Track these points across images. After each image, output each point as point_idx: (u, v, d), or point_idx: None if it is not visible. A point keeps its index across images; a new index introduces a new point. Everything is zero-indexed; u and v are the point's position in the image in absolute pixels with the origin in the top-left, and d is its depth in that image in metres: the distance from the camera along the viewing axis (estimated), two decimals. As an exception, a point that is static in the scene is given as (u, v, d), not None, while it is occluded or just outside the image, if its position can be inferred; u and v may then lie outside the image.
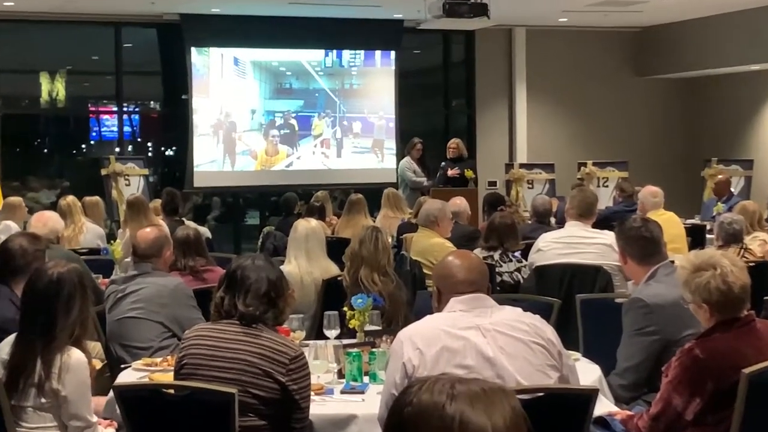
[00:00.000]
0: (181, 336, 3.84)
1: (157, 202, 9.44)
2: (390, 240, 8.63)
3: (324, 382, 3.94)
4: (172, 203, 8.91)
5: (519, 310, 3.33)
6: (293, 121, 13.79)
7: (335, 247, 6.52)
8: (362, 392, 3.86)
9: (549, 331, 3.27)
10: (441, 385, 1.69)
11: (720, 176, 12.07)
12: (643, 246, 4.37)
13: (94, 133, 14.53)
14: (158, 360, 4.45)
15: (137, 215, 7.98)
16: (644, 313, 4.12)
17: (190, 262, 5.84)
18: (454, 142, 12.35)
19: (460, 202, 8.33)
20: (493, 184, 14.13)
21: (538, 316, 3.32)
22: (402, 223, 9.48)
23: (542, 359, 3.19)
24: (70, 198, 8.75)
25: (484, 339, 3.16)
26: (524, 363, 3.16)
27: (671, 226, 7.61)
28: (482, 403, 1.66)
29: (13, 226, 8.05)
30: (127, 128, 14.04)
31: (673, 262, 4.30)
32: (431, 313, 3.38)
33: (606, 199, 11.93)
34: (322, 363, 3.99)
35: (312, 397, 3.55)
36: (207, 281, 5.59)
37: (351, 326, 4.57)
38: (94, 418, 3.71)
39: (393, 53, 14.19)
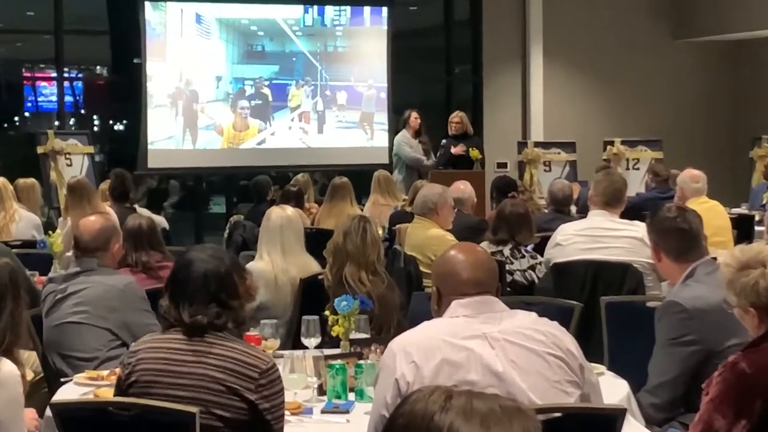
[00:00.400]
0: (133, 345, 3.82)
1: (105, 186, 9.44)
2: (381, 232, 8.67)
3: (302, 399, 3.94)
4: (121, 187, 8.89)
5: (534, 315, 3.33)
6: (266, 91, 13.76)
7: (316, 240, 6.51)
8: (347, 412, 3.86)
9: (569, 341, 3.28)
10: (437, 396, 1.78)
11: (771, 158, 12.08)
12: (680, 240, 4.38)
13: (29, 104, 14.49)
14: (104, 373, 4.45)
15: (80, 201, 7.97)
16: (681, 319, 4.13)
17: (143, 257, 5.83)
18: (457, 116, 12.33)
19: (464, 187, 8.33)
20: (503, 165, 14.13)
21: (555, 323, 3.33)
22: (395, 212, 9.49)
23: (560, 374, 3.19)
24: (1, 180, 8.72)
25: (492, 350, 3.16)
26: (539, 378, 3.16)
27: (714, 216, 7.62)
28: (481, 418, 1.71)
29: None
30: (68, 98, 13.99)
31: (715, 258, 4.31)
32: (429, 318, 3.38)
33: (636, 184, 11.94)
34: (299, 377, 3.99)
35: (287, 418, 3.55)
36: (163, 280, 5.55)
37: (334, 334, 4.57)
38: (28, 442, 3.71)
39: (385, 10, 14.16)
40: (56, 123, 13.60)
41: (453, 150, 11.92)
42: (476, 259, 3.38)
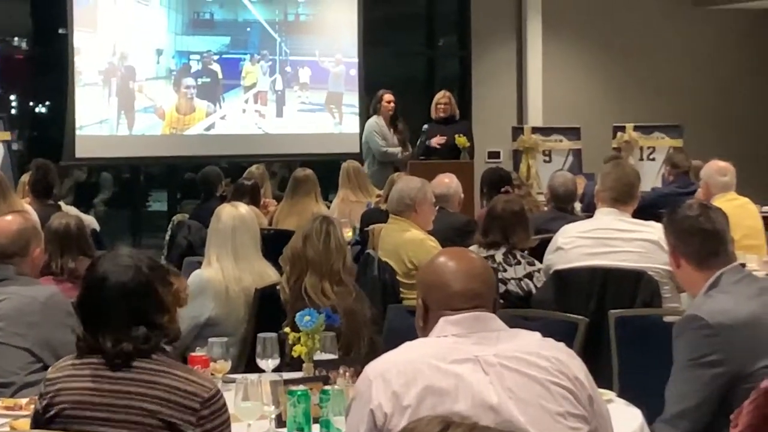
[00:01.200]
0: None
1: (24, 179, 9.41)
2: (351, 233, 8.67)
3: (257, 432, 3.93)
4: (44, 181, 8.87)
5: (537, 335, 3.31)
6: (215, 67, 13.73)
7: (274, 244, 6.50)
8: (310, 447, 3.86)
9: (577, 368, 3.26)
10: (432, 426, 1.94)
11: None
12: (703, 243, 4.38)
13: (-67, 82, 14.41)
14: (23, 401, 4.43)
15: (-6, 197, 7.94)
16: (704, 336, 4.13)
17: (69, 263, 5.82)
18: (445, 97, 12.28)
19: (448, 181, 8.33)
20: (495, 155, 14.15)
21: (562, 345, 3.31)
22: (367, 210, 9.49)
23: (565, 406, 3.18)
24: None
25: (486, 377, 3.15)
26: (540, 412, 3.15)
27: (744, 215, 7.65)
28: None
29: None
30: (-20, 75, 13.93)
31: (744, 265, 4.31)
32: (408, 334, 3.37)
33: (652, 177, 12.00)
34: (254, 406, 3.98)
35: (240, 455, 3.54)
36: (93, 291, 5.55)
37: (295, 354, 4.56)
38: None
39: (356, -29, 14.18)
40: (-34, 104, 13.53)
41: (433, 141, 11.80)
42: (470, 268, 3.37)
